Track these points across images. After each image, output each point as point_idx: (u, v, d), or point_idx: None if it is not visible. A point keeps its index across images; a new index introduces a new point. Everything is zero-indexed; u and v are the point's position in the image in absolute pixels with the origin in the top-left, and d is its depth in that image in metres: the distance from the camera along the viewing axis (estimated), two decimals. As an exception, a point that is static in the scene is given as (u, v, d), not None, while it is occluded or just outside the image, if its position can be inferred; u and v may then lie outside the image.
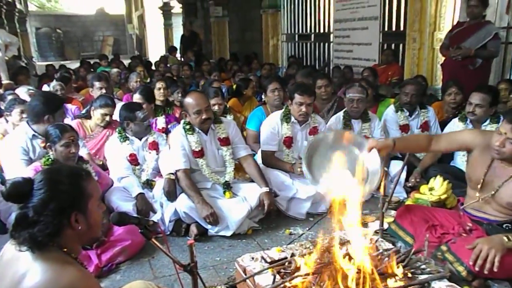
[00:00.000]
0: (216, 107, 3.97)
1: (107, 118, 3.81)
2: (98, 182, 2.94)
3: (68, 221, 1.34)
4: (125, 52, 21.60)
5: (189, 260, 1.79)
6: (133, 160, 3.37)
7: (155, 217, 3.11)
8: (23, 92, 4.49)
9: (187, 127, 3.23)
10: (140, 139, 3.43)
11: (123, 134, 3.40)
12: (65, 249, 1.35)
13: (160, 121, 4.23)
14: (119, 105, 4.01)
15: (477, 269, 2.14)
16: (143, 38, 21.87)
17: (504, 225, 2.35)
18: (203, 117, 3.13)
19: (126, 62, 10.53)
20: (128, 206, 3.03)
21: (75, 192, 1.37)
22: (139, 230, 1.75)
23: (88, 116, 3.91)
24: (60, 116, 3.31)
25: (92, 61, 10.72)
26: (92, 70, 8.78)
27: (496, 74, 5.36)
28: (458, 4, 5.70)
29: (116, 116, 3.85)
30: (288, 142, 3.56)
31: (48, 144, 2.80)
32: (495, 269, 2.10)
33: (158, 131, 3.97)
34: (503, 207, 2.37)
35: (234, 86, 5.84)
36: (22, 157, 3.07)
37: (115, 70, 7.38)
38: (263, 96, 4.62)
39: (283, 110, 3.60)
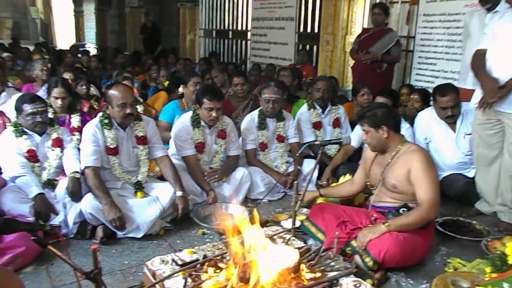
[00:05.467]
0: (59, 101, 3.66)
1: None
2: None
3: None
4: (28, 38, 19.69)
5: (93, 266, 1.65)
6: (32, 157, 3.04)
7: (57, 219, 2.85)
8: None
9: (106, 121, 3.03)
10: (41, 134, 3.12)
11: (19, 128, 3.06)
12: None
13: (75, 120, 3.77)
14: (16, 95, 3.61)
15: (360, 249, 2.40)
16: (49, 23, 20.19)
17: (401, 210, 2.58)
18: (127, 111, 2.96)
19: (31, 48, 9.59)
20: (23, 209, 2.73)
21: None
22: (32, 237, 1.57)
23: None
24: None
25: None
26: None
27: (398, 79, 5.81)
28: (367, 11, 6.08)
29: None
30: (201, 147, 3.49)
31: None
32: (362, 247, 2.40)
33: (71, 130, 3.62)
34: (392, 191, 2.64)
35: (166, 83, 5.68)
36: None
37: (6, 54, 6.67)
38: (181, 89, 4.48)
39: (191, 115, 3.50)
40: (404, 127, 3.83)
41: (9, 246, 2.42)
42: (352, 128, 4.20)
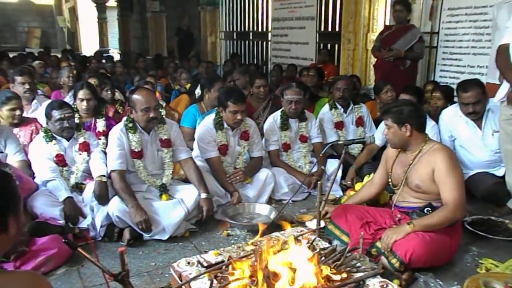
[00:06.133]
0: (84, 103, 3.76)
1: (17, 112, 3.44)
2: (20, 187, 2.72)
3: (5, 226, 1.20)
4: (55, 46, 20.22)
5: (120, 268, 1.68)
6: (60, 161, 3.14)
7: (85, 222, 2.91)
8: None
9: (130, 125, 3.08)
10: (68, 139, 3.21)
11: (49, 133, 3.16)
12: None
13: (100, 124, 3.86)
14: (46, 102, 3.72)
15: (384, 251, 2.37)
16: (75, 31, 20.72)
17: (425, 210, 2.52)
18: (151, 115, 3.01)
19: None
20: (54, 212, 2.80)
21: (13, 193, 1.24)
22: (63, 240, 1.61)
23: None
24: None
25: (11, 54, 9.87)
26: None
27: (422, 76, 5.70)
28: (389, 8, 5.99)
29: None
30: (224, 149, 3.51)
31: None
32: (387, 249, 2.37)
33: (97, 134, 3.71)
34: (416, 191, 2.58)
35: (188, 86, 5.74)
36: None
37: (37, 62, 6.87)
38: (198, 91, 4.50)
39: (214, 117, 3.52)
40: (429, 125, 3.75)
41: (42, 248, 2.50)
42: (376, 127, 4.15)
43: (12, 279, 1.18)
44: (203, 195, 3.10)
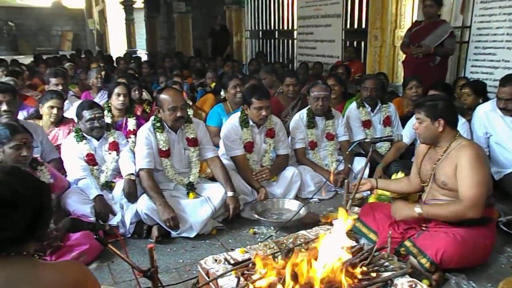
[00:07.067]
0: (121, 98, 3.88)
1: (54, 111, 3.56)
2: (54, 185, 2.82)
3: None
4: (86, 48, 20.84)
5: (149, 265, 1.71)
6: (91, 160, 3.23)
7: (115, 220, 2.99)
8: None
9: (157, 124, 3.14)
10: (98, 139, 3.29)
11: (80, 133, 3.25)
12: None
13: (131, 123, 3.96)
14: (76, 103, 3.83)
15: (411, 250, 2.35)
16: (104, 33, 21.23)
17: None
18: (178, 114, 3.06)
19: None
20: (85, 209, 2.89)
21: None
22: (94, 236, 1.66)
23: (39, 116, 3.66)
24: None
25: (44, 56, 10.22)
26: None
27: (452, 72, 5.54)
28: (417, 3, 5.85)
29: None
30: (250, 147, 3.52)
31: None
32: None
33: (128, 133, 3.80)
34: (443, 188, 2.50)
35: (213, 85, 5.79)
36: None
37: (67, 64, 7.09)
38: (222, 93, 4.54)
39: (239, 115, 3.54)
40: (460, 121, 3.65)
41: (75, 243, 2.59)
42: (403, 124, 4.06)
43: (57, 269, 1.22)
44: (230, 193, 3.12)
